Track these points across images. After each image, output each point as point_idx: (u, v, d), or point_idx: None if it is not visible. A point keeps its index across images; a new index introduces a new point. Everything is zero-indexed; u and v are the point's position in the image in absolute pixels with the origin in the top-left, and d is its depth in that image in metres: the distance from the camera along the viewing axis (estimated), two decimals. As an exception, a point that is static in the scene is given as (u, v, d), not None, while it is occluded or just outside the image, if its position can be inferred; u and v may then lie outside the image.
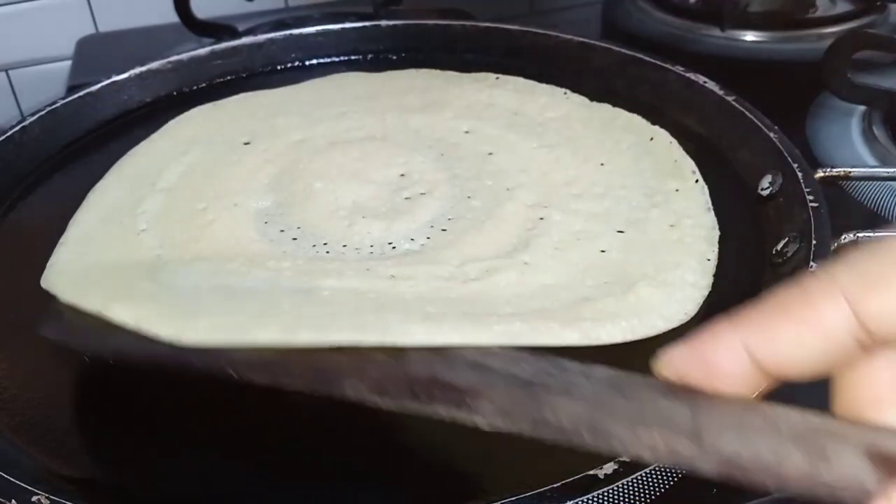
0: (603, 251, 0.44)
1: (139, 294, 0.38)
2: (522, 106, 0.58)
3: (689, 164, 0.50)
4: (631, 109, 0.56)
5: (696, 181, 0.49)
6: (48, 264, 0.47)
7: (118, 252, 0.47)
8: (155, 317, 0.33)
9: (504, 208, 0.48)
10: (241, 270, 0.42)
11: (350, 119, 0.58)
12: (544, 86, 0.60)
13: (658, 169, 0.51)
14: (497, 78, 0.62)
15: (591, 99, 0.58)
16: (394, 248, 0.46)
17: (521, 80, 0.61)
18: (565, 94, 0.59)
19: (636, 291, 0.40)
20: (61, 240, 0.49)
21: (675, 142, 0.52)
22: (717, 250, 0.44)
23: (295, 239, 0.47)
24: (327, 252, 0.45)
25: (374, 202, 0.49)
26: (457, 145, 0.54)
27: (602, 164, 0.51)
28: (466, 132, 0.56)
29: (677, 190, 0.48)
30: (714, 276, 0.43)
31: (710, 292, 0.42)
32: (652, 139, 0.53)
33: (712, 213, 0.47)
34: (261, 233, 0.47)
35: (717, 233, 0.45)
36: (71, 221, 0.50)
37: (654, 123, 0.54)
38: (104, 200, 0.52)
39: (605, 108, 0.57)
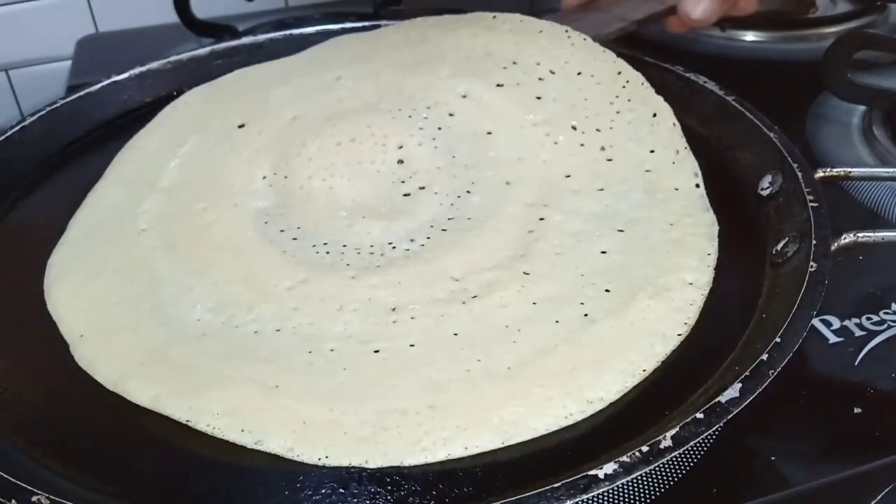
0: (603, 252, 0.44)
1: (149, 355, 0.40)
2: (520, 54, 0.55)
3: (692, 164, 0.49)
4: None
5: (697, 185, 0.48)
6: (48, 264, 0.47)
7: (118, 253, 0.47)
8: (169, 396, 0.37)
9: (504, 207, 0.47)
10: (246, 301, 0.42)
11: (344, 87, 0.56)
12: (544, 23, 0.56)
13: (659, 160, 0.50)
14: (494, 17, 0.58)
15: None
16: (394, 248, 0.45)
17: (518, 17, 0.57)
18: (567, 33, 0.55)
19: (636, 306, 0.41)
20: (61, 240, 0.49)
21: (677, 124, 0.50)
22: (716, 244, 0.44)
23: (295, 239, 0.46)
24: (328, 252, 0.45)
25: (374, 201, 0.48)
26: (454, 117, 0.52)
27: (602, 149, 0.50)
28: (464, 97, 0.53)
29: (677, 189, 0.48)
30: (714, 276, 0.43)
31: (711, 291, 0.42)
32: (655, 115, 0.51)
33: (711, 212, 0.47)
34: (261, 233, 0.47)
35: (717, 228, 0.45)
36: (71, 221, 0.50)
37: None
38: (104, 201, 0.52)
39: (609, 58, 0.53)
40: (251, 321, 0.41)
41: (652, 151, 0.50)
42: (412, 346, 0.39)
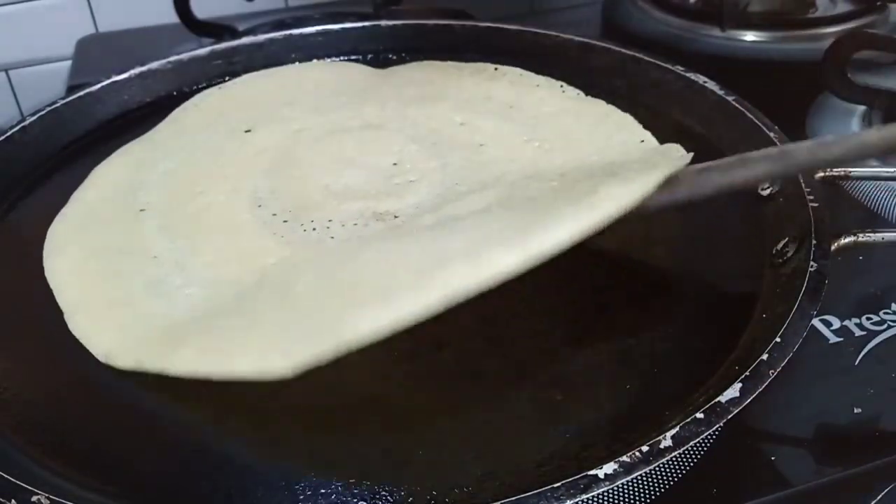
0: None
1: (142, 329, 0.41)
2: (519, 100, 0.59)
3: (679, 149, 0.51)
4: (631, 109, 0.56)
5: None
6: (48, 233, 0.48)
7: (117, 231, 0.48)
8: (148, 358, 0.39)
9: (488, 192, 0.48)
10: (235, 279, 0.44)
11: (350, 109, 0.59)
12: (541, 78, 0.60)
13: (647, 158, 0.51)
14: (496, 69, 0.62)
15: (591, 98, 0.58)
16: (378, 222, 0.47)
17: (518, 70, 0.62)
18: (562, 87, 0.59)
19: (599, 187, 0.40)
20: (62, 211, 0.50)
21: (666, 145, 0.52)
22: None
23: (286, 221, 0.48)
24: (314, 229, 0.47)
25: (366, 186, 0.50)
26: (452, 136, 0.55)
27: (591, 157, 0.52)
28: (462, 124, 0.56)
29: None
30: (714, 276, 0.43)
31: (710, 291, 0.42)
32: (643, 141, 0.53)
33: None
34: (254, 216, 0.49)
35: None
36: (73, 196, 0.51)
37: (654, 123, 0.54)
38: (107, 179, 0.53)
39: (599, 104, 0.57)
40: (236, 292, 0.43)
41: (640, 157, 0.51)
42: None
